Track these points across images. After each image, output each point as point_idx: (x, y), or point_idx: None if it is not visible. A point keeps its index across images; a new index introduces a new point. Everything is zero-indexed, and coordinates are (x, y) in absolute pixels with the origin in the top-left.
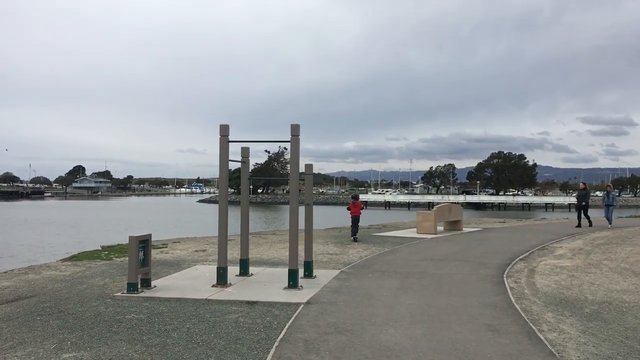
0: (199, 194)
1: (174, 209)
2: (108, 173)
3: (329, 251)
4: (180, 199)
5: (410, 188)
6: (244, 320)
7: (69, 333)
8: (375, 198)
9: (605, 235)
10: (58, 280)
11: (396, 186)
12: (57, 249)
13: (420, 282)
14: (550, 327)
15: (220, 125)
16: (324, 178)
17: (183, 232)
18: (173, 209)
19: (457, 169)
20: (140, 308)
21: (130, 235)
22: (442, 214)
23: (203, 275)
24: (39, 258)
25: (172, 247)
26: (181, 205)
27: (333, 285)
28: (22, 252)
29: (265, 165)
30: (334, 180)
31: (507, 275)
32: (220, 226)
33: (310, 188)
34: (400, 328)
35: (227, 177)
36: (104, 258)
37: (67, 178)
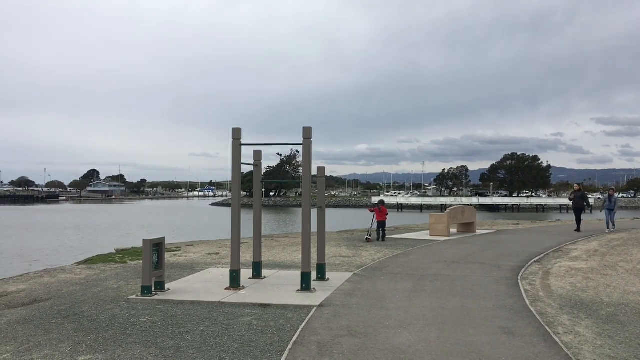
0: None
1: (187, 212)
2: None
3: (341, 254)
4: (193, 203)
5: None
6: (257, 323)
7: (84, 336)
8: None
9: (622, 237)
10: (73, 284)
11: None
12: (72, 252)
13: (434, 285)
14: (566, 329)
15: (233, 129)
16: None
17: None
18: (186, 212)
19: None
20: (154, 311)
21: (144, 239)
22: (455, 216)
23: (216, 278)
24: (54, 261)
25: (185, 250)
26: (194, 209)
27: (346, 288)
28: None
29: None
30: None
31: (522, 278)
32: (233, 229)
33: (323, 191)
34: (413, 331)
35: (240, 181)
36: (118, 261)
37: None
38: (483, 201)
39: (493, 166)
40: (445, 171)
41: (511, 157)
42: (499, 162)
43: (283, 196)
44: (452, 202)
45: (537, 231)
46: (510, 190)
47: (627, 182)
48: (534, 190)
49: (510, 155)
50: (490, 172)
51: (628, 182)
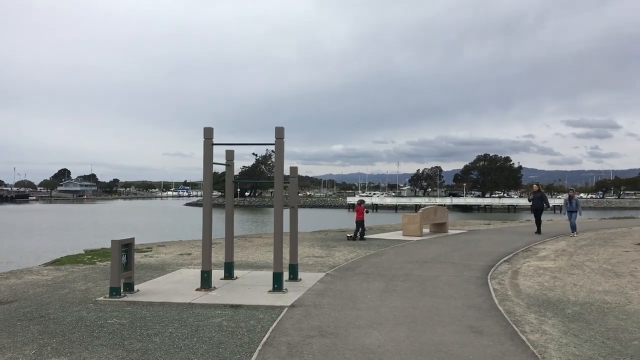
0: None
1: (160, 212)
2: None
3: (315, 254)
4: (167, 203)
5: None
6: (228, 324)
7: (50, 338)
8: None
9: (589, 236)
10: (40, 285)
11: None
12: (39, 254)
13: (405, 285)
14: (533, 328)
15: (205, 128)
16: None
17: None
18: (159, 212)
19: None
20: (123, 313)
21: (112, 239)
22: (427, 217)
23: (187, 279)
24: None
25: (156, 251)
26: (168, 209)
27: (318, 288)
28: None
29: (252, 168)
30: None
31: (491, 277)
32: (205, 229)
33: (296, 191)
34: (384, 330)
35: (212, 180)
36: (87, 262)
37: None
38: (456, 201)
39: (466, 167)
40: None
41: (484, 158)
42: (472, 163)
43: (258, 196)
44: (426, 203)
45: (508, 231)
46: (483, 190)
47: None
48: (505, 190)
49: (483, 156)
50: (464, 172)
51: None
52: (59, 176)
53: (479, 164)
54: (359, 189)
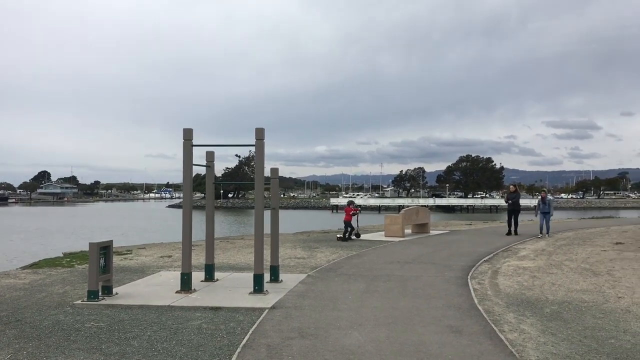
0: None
1: (142, 214)
2: (74, 179)
3: (296, 255)
4: (149, 205)
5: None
6: (207, 327)
7: (25, 343)
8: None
9: (568, 236)
10: (16, 289)
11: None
12: (17, 257)
13: (386, 285)
14: (511, 327)
15: (184, 129)
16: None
17: (149, 238)
18: (141, 214)
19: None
20: (101, 316)
21: (90, 242)
22: (409, 217)
23: (167, 281)
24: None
25: (136, 254)
26: (149, 211)
27: (299, 289)
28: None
29: (235, 169)
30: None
31: (471, 277)
32: (185, 231)
33: (276, 192)
34: (364, 331)
35: (192, 181)
36: (66, 265)
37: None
38: (439, 202)
39: (449, 168)
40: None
41: (466, 159)
42: (454, 164)
43: (241, 198)
44: (409, 203)
45: (489, 231)
46: (466, 191)
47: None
48: (488, 191)
49: (465, 157)
50: (446, 173)
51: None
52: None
53: (462, 164)
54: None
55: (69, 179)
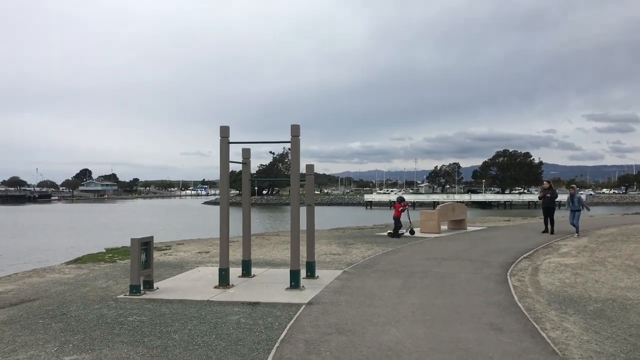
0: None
1: (179, 211)
2: (114, 176)
3: (332, 251)
4: (185, 201)
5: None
6: (245, 321)
7: (71, 336)
8: (380, 198)
9: (611, 232)
10: (61, 283)
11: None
12: (61, 252)
13: (423, 282)
14: (553, 325)
15: (221, 127)
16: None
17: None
18: (178, 211)
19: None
20: (142, 310)
21: (132, 238)
22: (445, 213)
23: (205, 276)
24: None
25: (175, 249)
26: (186, 208)
27: (335, 285)
28: (27, 255)
29: (269, 166)
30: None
31: (511, 274)
32: (222, 227)
33: (311, 189)
34: (402, 328)
35: (228, 179)
36: (108, 260)
37: (73, 181)
38: (475, 198)
39: (485, 163)
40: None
41: (503, 154)
42: (491, 159)
43: (276, 194)
44: (444, 199)
45: (528, 228)
46: (503, 187)
47: (618, 178)
48: (526, 186)
49: (502, 152)
50: (483, 169)
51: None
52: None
53: (498, 160)
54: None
55: (109, 177)
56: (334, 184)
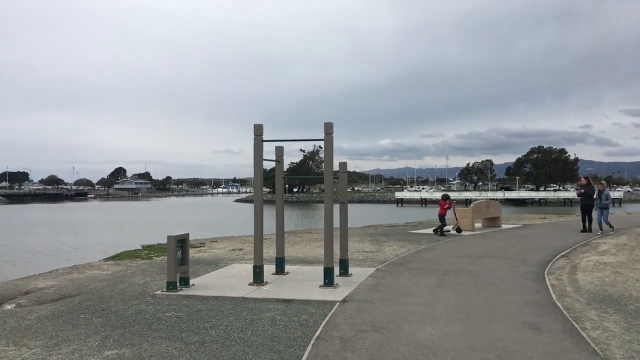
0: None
1: (212, 208)
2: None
3: (364, 249)
4: (217, 199)
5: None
6: (281, 318)
7: (112, 331)
8: (411, 195)
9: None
10: (100, 279)
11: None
12: (99, 249)
13: (458, 280)
14: (594, 325)
15: (255, 125)
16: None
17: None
18: (210, 208)
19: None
20: (179, 306)
21: (168, 235)
22: (479, 211)
23: (240, 273)
24: (82, 258)
25: (209, 246)
26: (218, 205)
27: (369, 283)
28: (67, 252)
29: (300, 164)
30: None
31: (548, 272)
32: (256, 225)
33: (345, 186)
34: (437, 326)
35: (262, 177)
36: (144, 257)
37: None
38: (509, 195)
39: (519, 160)
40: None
41: (537, 150)
42: (525, 156)
43: (306, 192)
44: (476, 197)
45: (565, 225)
46: (537, 184)
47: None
48: (561, 183)
49: (537, 148)
50: (516, 165)
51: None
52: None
53: (533, 156)
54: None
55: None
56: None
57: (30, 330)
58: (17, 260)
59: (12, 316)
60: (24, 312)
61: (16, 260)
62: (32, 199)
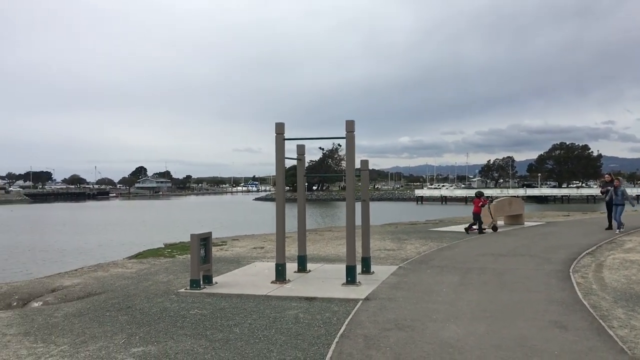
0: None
1: (232, 207)
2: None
3: (386, 247)
4: (237, 197)
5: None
6: (304, 316)
7: (137, 328)
8: (431, 193)
9: None
10: (125, 277)
11: (452, 180)
12: (122, 247)
13: (481, 278)
14: (621, 323)
15: (276, 124)
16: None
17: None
18: (230, 207)
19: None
20: (203, 304)
21: (191, 233)
22: (502, 208)
23: (262, 271)
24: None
25: (231, 245)
26: (238, 204)
27: (391, 281)
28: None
29: (319, 162)
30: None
31: (574, 270)
32: (278, 223)
33: (367, 184)
34: (462, 324)
35: (284, 175)
36: (167, 255)
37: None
38: (531, 192)
39: (541, 156)
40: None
41: (560, 146)
42: (547, 153)
43: (325, 190)
44: (498, 194)
45: (589, 222)
46: (559, 180)
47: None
48: (584, 180)
49: (559, 145)
50: (538, 162)
51: None
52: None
53: (555, 153)
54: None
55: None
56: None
57: (57, 328)
58: (43, 258)
59: (40, 313)
60: (51, 309)
61: (42, 259)
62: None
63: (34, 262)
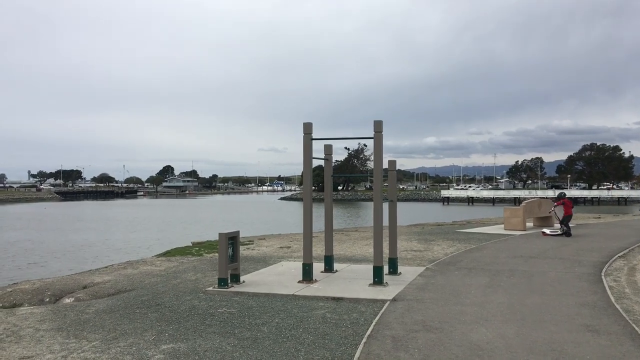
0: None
1: (258, 206)
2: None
3: (412, 248)
4: (262, 197)
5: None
6: (331, 316)
7: (167, 325)
8: (458, 194)
9: None
10: (154, 275)
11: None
12: (151, 245)
13: (510, 280)
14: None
15: (304, 124)
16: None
17: (267, 229)
18: (256, 206)
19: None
20: (231, 302)
21: (220, 232)
22: (531, 210)
23: (289, 271)
24: (135, 254)
25: (257, 244)
26: (264, 203)
27: (418, 282)
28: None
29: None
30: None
31: (606, 274)
32: (305, 223)
33: (394, 184)
34: (491, 327)
35: (311, 174)
36: (195, 254)
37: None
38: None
39: (570, 157)
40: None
41: (590, 147)
42: (577, 153)
43: (351, 190)
44: (526, 195)
45: (620, 225)
46: (589, 182)
47: None
48: (615, 182)
49: (590, 145)
50: (568, 163)
51: None
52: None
53: (585, 153)
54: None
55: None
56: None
57: (89, 324)
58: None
59: (72, 309)
60: (82, 305)
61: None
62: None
63: (65, 259)
